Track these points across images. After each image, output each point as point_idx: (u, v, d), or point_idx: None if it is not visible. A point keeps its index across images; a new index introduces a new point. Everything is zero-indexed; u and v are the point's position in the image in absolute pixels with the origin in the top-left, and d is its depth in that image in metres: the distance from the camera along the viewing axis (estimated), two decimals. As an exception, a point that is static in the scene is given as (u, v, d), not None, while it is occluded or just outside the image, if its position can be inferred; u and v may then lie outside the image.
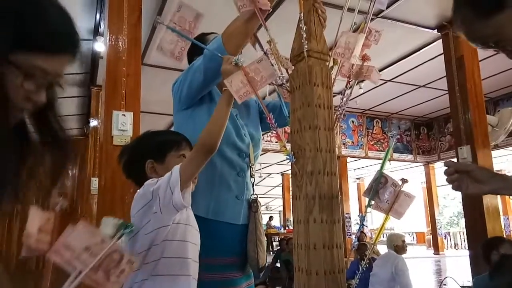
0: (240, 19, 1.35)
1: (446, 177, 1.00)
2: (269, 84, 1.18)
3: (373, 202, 1.05)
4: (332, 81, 1.11)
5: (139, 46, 3.29)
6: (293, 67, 1.11)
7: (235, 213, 1.47)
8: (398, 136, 10.58)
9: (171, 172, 1.13)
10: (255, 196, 1.54)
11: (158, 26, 4.86)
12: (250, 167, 1.54)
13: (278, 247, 9.18)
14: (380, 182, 1.01)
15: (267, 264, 1.50)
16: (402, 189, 1.02)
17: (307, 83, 1.07)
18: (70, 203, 7.26)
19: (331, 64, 1.12)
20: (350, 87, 1.10)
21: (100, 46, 4.65)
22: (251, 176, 1.54)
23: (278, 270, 7.08)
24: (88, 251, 0.79)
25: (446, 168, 1.00)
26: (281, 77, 1.13)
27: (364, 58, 1.16)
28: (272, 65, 1.06)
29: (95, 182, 5.33)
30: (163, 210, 1.14)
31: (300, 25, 1.02)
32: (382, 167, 1.02)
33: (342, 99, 1.08)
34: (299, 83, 1.08)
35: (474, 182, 0.98)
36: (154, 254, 1.16)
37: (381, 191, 1.01)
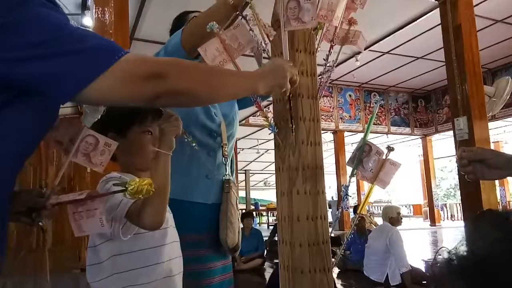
0: (209, 13, 1.18)
1: (459, 166, 0.99)
2: (250, 53, 1.13)
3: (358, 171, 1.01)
4: (316, 46, 1.05)
5: (127, 19, 3.18)
6: (275, 33, 1.05)
7: (204, 192, 1.45)
8: (382, 102, 10.53)
9: (119, 203, 0.95)
10: (228, 176, 1.51)
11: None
12: (222, 146, 1.50)
13: (276, 221, 9.27)
14: (364, 150, 0.97)
15: (239, 245, 1.48)
16: (388, 157, 0.99)
17: (289, 49, 1.02)
18: (68, 181, 7.27)
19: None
20: (334, 52, 1.04)
21: (88, 20, 4.52)
22: (223, 156, 1.50)
23: (276, 244, 7.16)
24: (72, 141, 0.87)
25: (460, 159, 0.98)
26: (263, 45, 1.07)
27: (350, 22, 1.10)
28: (252, 30, 1.00)
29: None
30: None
31: (280, -14, 0.95)
32: (365, 135, 0.99)
33: (326, 64, 1.03)
34: (280, 49, 1.03)
35: (490, 169, 0.97)
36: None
37: (365, 160, 0.97)
